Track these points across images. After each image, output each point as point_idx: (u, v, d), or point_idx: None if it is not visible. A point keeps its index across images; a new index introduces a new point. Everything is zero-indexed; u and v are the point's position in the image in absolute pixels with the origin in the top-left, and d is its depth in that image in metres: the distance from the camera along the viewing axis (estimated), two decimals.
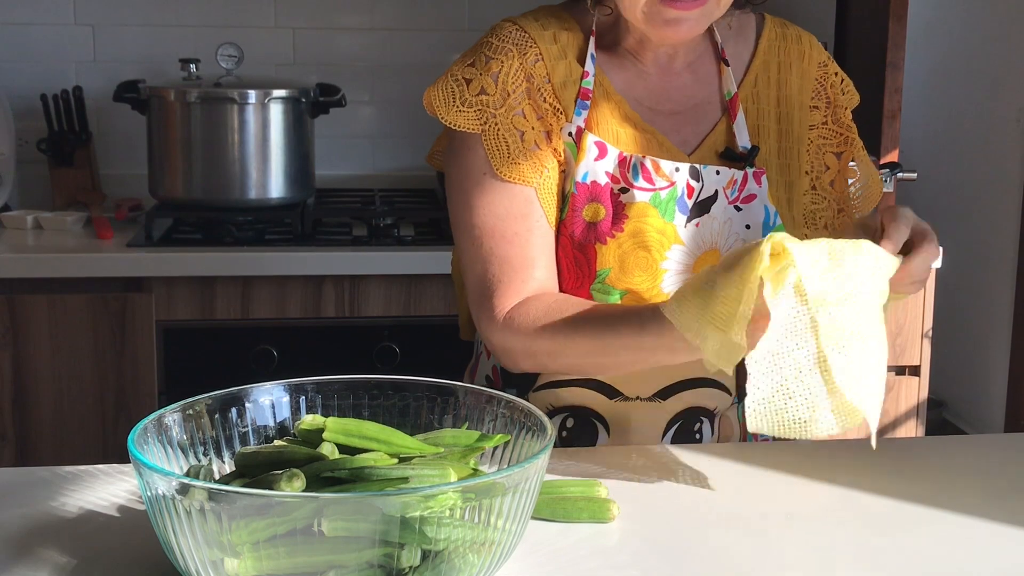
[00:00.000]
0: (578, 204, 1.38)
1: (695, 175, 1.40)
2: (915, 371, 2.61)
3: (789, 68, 1.48)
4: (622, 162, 1.39)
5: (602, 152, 1.39)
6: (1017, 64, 3.54)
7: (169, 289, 2.37)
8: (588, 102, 1.40)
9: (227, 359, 2.43)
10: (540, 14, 1.45)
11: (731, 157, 1.43)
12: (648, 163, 1.38)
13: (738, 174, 1.42)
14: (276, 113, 2.55)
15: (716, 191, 1.40)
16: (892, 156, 2.86)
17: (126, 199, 2.78)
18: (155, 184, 2.59)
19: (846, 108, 1.51)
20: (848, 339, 1.12)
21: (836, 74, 1.51)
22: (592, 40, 1.42)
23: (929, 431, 2.79)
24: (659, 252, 1.37)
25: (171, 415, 1.07)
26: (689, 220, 1.39)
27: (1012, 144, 3.55)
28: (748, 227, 1.41)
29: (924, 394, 2.61)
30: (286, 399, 1.15)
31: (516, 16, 1.44)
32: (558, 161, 1.40)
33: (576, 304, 1.33)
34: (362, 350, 2.45)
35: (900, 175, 2.72)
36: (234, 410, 1.12)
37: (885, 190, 2.72)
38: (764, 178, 1.43)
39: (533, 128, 1.39)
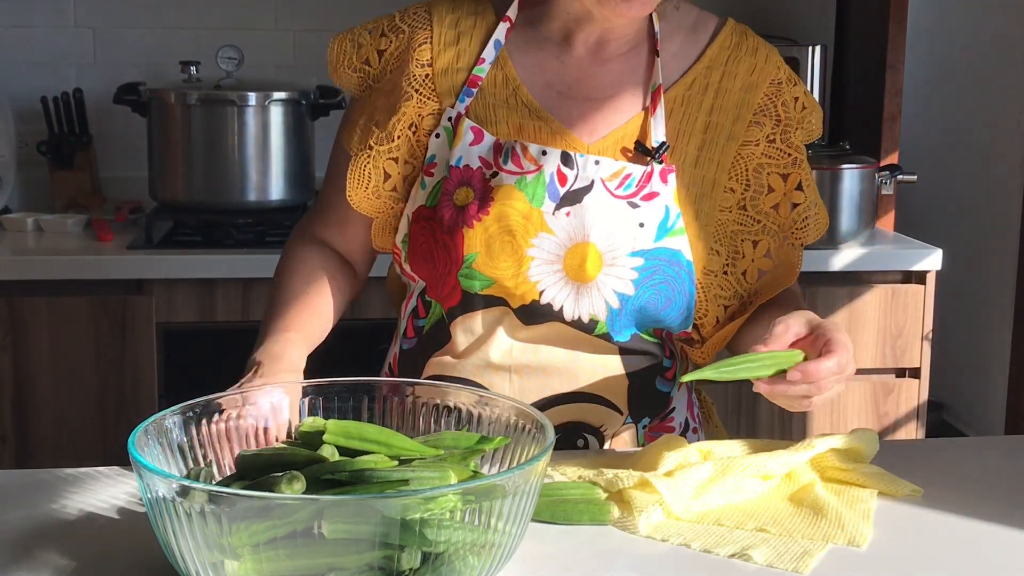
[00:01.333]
0: (449, 188, 1.38)
1: (567, 161, 1.36)
2: (915, 373, 2.61)
3: (733, 78, 1.42)
4: (496, 148, 1.37)
5: (478, 137, 1.38)
6: (1017, 66, 3.54)
7: (169, 291, 2.37)
8: (475, 89, 1.40)
9: (227, 361, 2.41)
10: None
11: (642, 151, 1.38)
12: (518, 147, 1.36)
13: (635, 168, 1.36)
14: (276, 115, 2.55)
15: (592, 181, 1.35)
16: (892, 158, 2.86)
17: (126, 201, 2.78)
18: (155, 186, 2.59)
19: (798, 130, 1.43)
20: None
21: (796, 99, 1.43)
22: (504, 26, 1.41)
23: (929, 433, 2.78)
24: (524, 238, 1.34)
25: (171, 417, 1.07)
26: (558, 208, 1.35)
27: (1012, 146, 3.55)
28: (642, 225, 1.35)
29: (924, 396, 2.61)
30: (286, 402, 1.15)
31: None
32: (395, 146, 1.42)
33: (291, 282, 1.48)
34: (363, 352, 2.45)
35: (900, 177, 2.72)
36: (234, 412, 1.12)
37: (885, 192, 2.72)
38: (672, 176, 1.37)
39: (382, 110, 1.43)
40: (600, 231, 1.34)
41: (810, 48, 2.86)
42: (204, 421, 1.10)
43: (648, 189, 1.36)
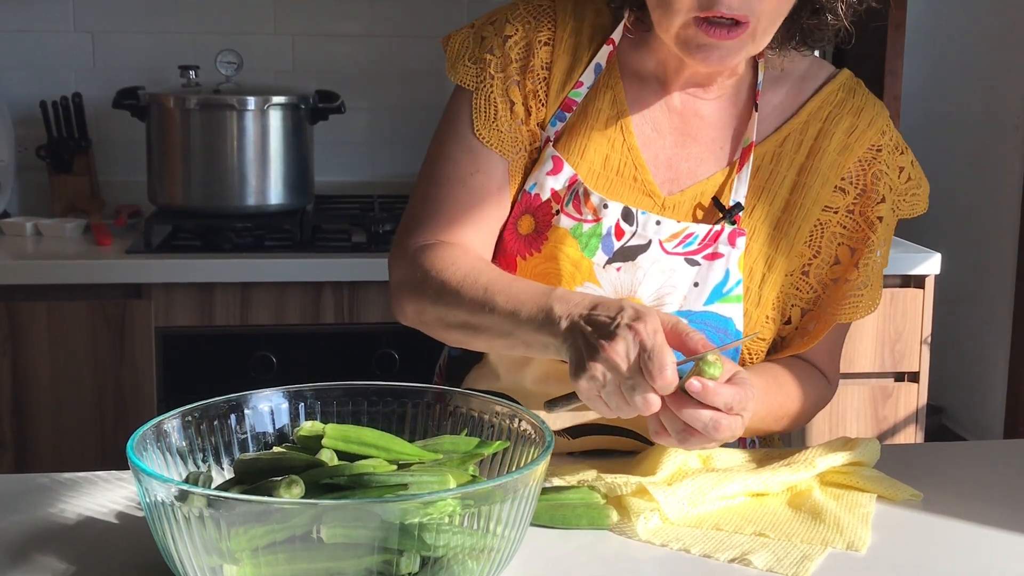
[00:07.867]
0: (516, 212, 1.35)
1: (628, 217, 1.31)
2: (914, 377, 2.61)
3: (830, 137, 1.34)
4: (571, 184, 1.33)
5: (557, 167, 1.33)
6: (1015, 70, 3.54)
7: (168, 295, 2.37)
8: (568, 114, 1.35)
9: (226, 365, 2.42)
10: None
11: (717, 207, 1.33)
12: (581, 192, 1.32)
13: (697, 227, 1.31)
14: (275, 120, 2.55)
15: (649, 241, 1.31)
16: None
17: (125, 206, 2.78)
18: (154, 191, 2.59)
19: (879, 204, 1.34)
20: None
21: (902, 169, 1.35)
22: (606, 49, 1.35)
23: (928, 437, 2.79)
24: (569, 284, 1.30)
25: (170, 421, 1.07)
26: (610, 262, 1.31)
27: (1011, 150, 3.55)
28: (696, 285, 1.30)
29: (923, 400, 2.61)
30: (285, 405, 1.15)
31: None
32: (534, 146, 1.36)
33: (487, 264, 1.29)
34: (361, 356, 2.45)
35: None
36: (233, 416, 1.12)
37: None
38: (742, 240, 1.31)
39: (524, 104, 1.35)
40: (648, 287, 1.30)
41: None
42: (203, 425, 1.10)
43: (713, 249, 1.31)
